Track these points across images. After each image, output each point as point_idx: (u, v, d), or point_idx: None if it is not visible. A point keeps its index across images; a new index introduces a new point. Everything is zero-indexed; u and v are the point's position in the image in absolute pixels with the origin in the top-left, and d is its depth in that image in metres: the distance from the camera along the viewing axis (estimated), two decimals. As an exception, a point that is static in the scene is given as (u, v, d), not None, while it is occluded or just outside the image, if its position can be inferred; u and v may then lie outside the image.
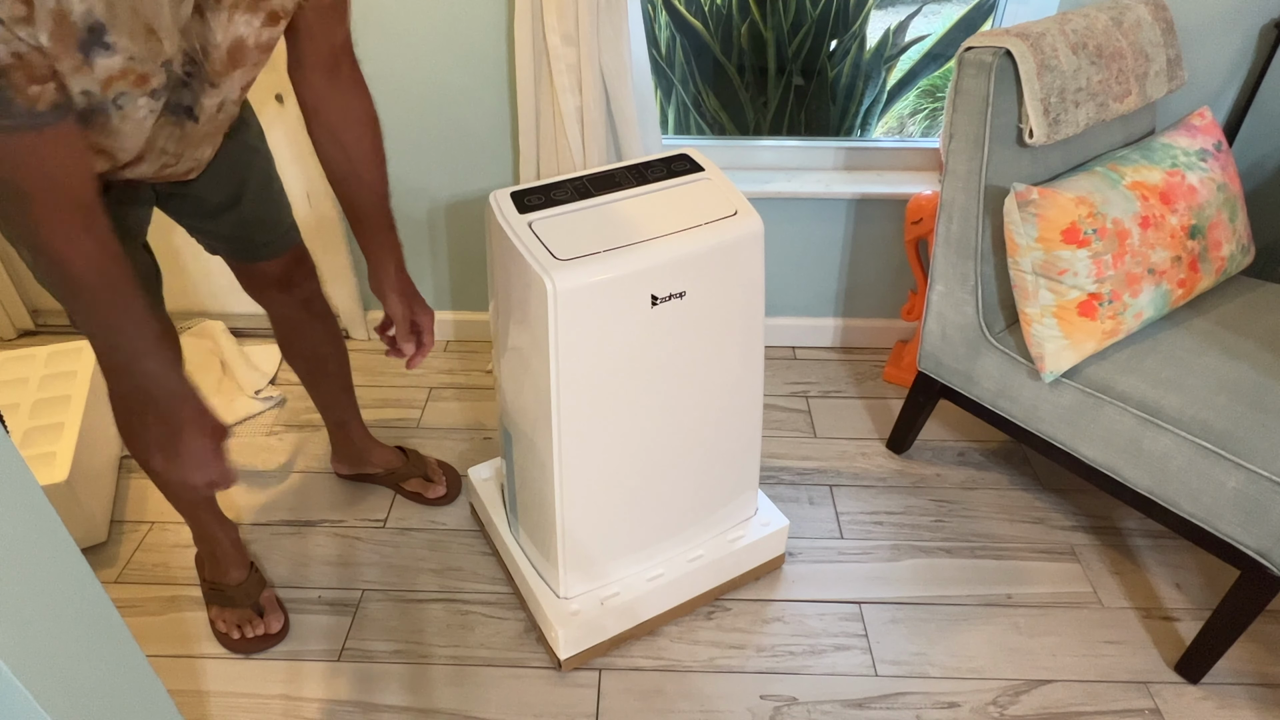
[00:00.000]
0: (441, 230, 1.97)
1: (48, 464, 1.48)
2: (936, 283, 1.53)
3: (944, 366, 1.58)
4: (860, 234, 1.96)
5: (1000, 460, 1.79)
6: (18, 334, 2.14)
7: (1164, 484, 1.31)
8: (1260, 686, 1.36)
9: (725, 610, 1.48)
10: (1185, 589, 1.52)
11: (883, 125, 2.19)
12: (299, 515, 1.65)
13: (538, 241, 1.11)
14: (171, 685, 1.35)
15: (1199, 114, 1.52)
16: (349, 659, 1.39)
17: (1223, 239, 1.45)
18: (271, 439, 1.83)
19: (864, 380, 2.02)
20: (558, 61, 1.60)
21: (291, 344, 1.49)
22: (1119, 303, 1.35)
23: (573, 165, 1.70)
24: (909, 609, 1.48)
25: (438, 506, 1.68)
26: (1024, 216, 1.32)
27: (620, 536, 1.34)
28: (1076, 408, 1.39)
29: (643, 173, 1.25)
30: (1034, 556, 1.58)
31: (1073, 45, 1.37)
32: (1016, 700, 1.34)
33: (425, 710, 1.32)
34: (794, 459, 1.79)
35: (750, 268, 1.22)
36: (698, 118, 2.13)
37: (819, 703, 1.33)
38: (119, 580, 1.52)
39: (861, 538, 1.61)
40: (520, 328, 1.18)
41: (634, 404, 1.22)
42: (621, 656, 1.40)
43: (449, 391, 1.98)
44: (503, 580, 1.53)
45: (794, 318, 2.10)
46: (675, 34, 2.03)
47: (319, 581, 1.52)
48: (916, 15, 2.05)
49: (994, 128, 1.35)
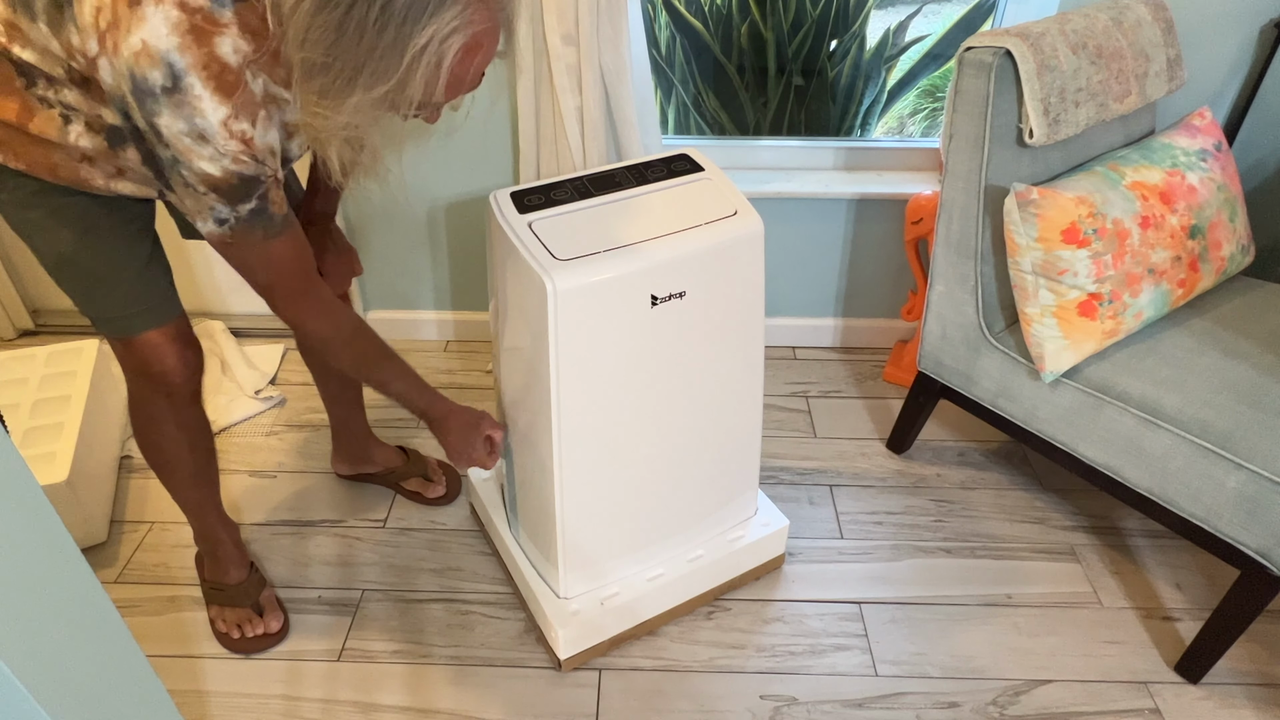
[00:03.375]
0: (441, 230, 1.97)
1: (48, 464, 1.48)
2: (936, 283, 1.53)
3: (944, 366, 1.58)
4: (860, 234, 1.96)
5: (1000, 460, 1.79)
6: (18, 334, 2.13)
7: (1164, 484, 1.31)
8: (1260, 686, 1.36)
9: (725, 610, 1.48)
10: (1185, 589, 1.52)
11: (883, 125, 2.19)
12: (299, 515, 1.65)
13: (538, 241, 1.11)
14: (171, 685, 1.35)
15: (1199, 114, 1.52)
16: (349, 659, 1.39)
17: (1223, 239, 1.45)
18: (271, 439, 1.83)
19: (864, 380, 2.02)
20: (558, 61, 1.60)
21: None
22: (1119, 303, 1.35)
23: (573, 165, 1.70)
24: (909, 609, 1.48)
25: (438, 506, 1.68)
26: (1024, 216, 1.32)
27: (620, 536, 1.34)
28: (1076, 408, 1.39)
29: (643, 173, 1.25)
30: (1034, 556, 1.58)
31: (1073, 45, 1.37)
32: (1016, 700, 1.34)
33: (425, 710, 1.32)
34: (794, 459, 1.79)
35: (750, 268, 1.22)
36: (698, 118, 2.13)
37: (819, 703, 1.33)
38: (119, 580, 1.52)
39: (861, 538, 1.61)
40: (520, 328, 1.18)
41: (634, 404, 1.22)
42: (621, 656, 1.40)
43: (449, 391, 1.98)
44: (503, 580, 1.53)
45: (794, 318, 2.10)
46: (675, 34, 2.03)
47: (319, 581, 1.52)
48: (916, 15, 2.05)
49: (994, 128, 1.35)
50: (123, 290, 1.10)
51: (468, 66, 0.83)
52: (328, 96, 0.80)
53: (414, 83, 0.79)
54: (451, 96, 0.87)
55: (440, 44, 0.78)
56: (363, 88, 0.79)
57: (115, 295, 1.10)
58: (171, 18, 0.81)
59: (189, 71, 0.82)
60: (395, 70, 0.78)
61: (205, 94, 0.83)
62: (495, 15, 0.83)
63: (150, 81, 0.82)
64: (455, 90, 0.86)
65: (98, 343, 1.77)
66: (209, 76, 0.83)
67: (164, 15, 0.81)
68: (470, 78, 0.86)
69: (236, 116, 0.86)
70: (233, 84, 0.84)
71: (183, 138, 0.84)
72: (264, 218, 0.96)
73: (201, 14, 0.82)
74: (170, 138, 0.85)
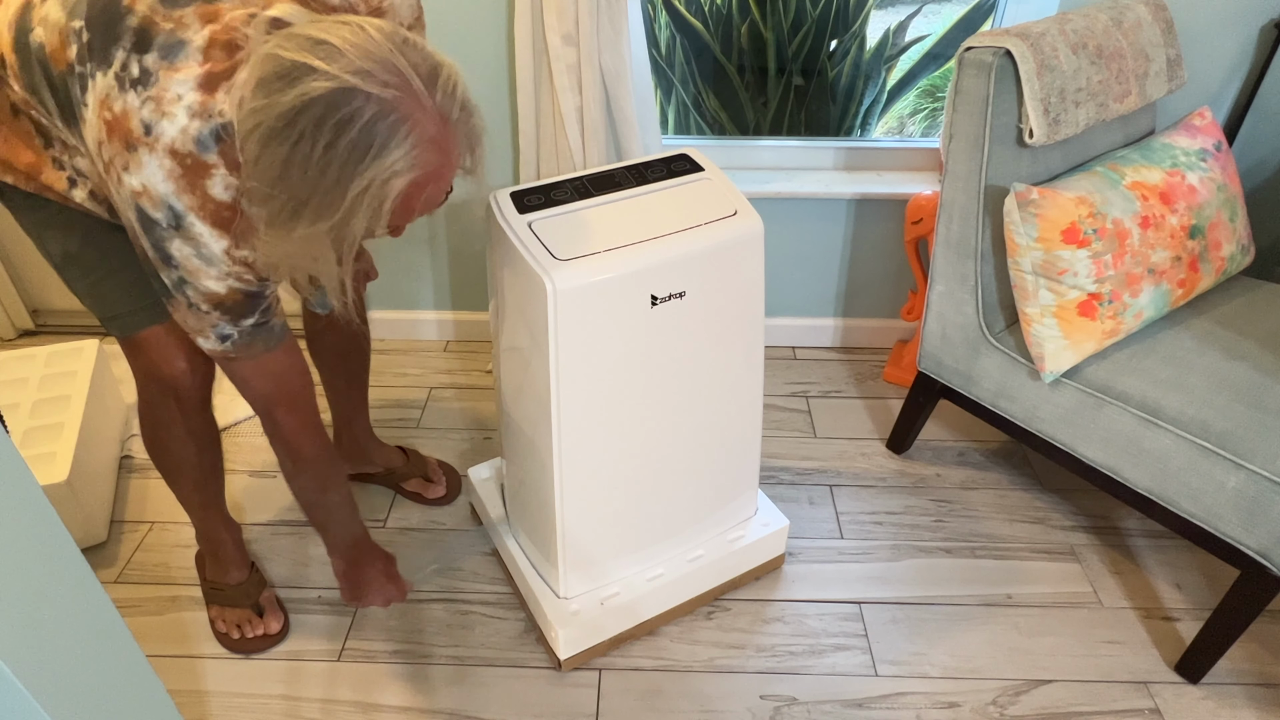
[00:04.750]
0: (441, 230, 1.97)
1: (48, 464, 1.48)
2: (936, 283, 1.53)
3: (944, 366, 1.58)
4: (860, 234, 1.96)
5: (1000, 460, 1.79)
6: (18, 334, 2.14)
7: (1164, 484, 1.31)
8: (1260, 686, 1.36)
9: (725, 610, 1.48)
10: (1185, 589, 1.52)
11: (883, 125, 2.19)
12: (299, 515, 1.65)
13: (538, 241, 1.11)
14: (171, 685, 1.35)
15: (1199, 114, 1.52)
16: (349, 659, 1.39)
17: (1223, 239, 1.45)
18: (271, 439, 1.83)
19: (864, 380, 2.02)
20: (558, 61, 1.60)
21: (320, 336, 1.49)
22: (1119, 303, 1.35)
23: (573, 165, 1.70)
24: (909, 609, 1.48)
25: (438, 506, 1.68)
26: (1024, 216, 1.32)
27: (620, 536, 1.34)
28: (1076, 408, 1.39)
29: (643, 173, 1.25)
30: (1034, 556, 1.58)
31: (1073, 45, 1.37)
32: (1016, 700, 1.34)
33: (425, 710, 1.32)
34: (794, 459, 1.79)
35: (750, 268, 1.22)
36: (698, 118, 2.13)
37: (819, 703, 1.33)
38: (119, 580, 1.52)
39: (861, 538, 1.61)
40: (520, 328, 1.18)
41: (634, 404, 1.22)
42: (621, 656, 1.40)
43: (449, 391, 1.98)
44: (503, 580, 1.53)
45: (794, 318, 2.10)
46: (675, 34, 2.03)
47: (319, 581, 1.52)
48: (916, 15, 2.05)
49: (994, 128, 1.35)
50: (126, 286, 1.10)
51: (412, 206, 0.84)
52: (274, 226, 0.82)
53: (357, 220, 0.81)
54: (401, 225, 0.89)
55: (381, 186, 0.79)
56: (306, 221, 0.80)
57: (119, 290, 1.11)
58: (166, 166, 0.85)
59: (188, 212, 0.87)
60: (338, 208, 0.79)
61: (206, 230, 0.88)
62: (448, 154, 0.83)
63: (155, 219, 0.87)
64: (402, 222, 0.88)
65: (98, 343, 1.77)
66: (206, 215, 0.88)
67: (159, 163, 0.85)
68: (420, 210, 0.86)
69: (237, 245, 0.90)
70: (229, 218, 0.89)
71: (192, 259, 0.90)
72: (265, 330, 1.00)
73: (192, 159, 0.86)
74: (180, 260, 0.90)
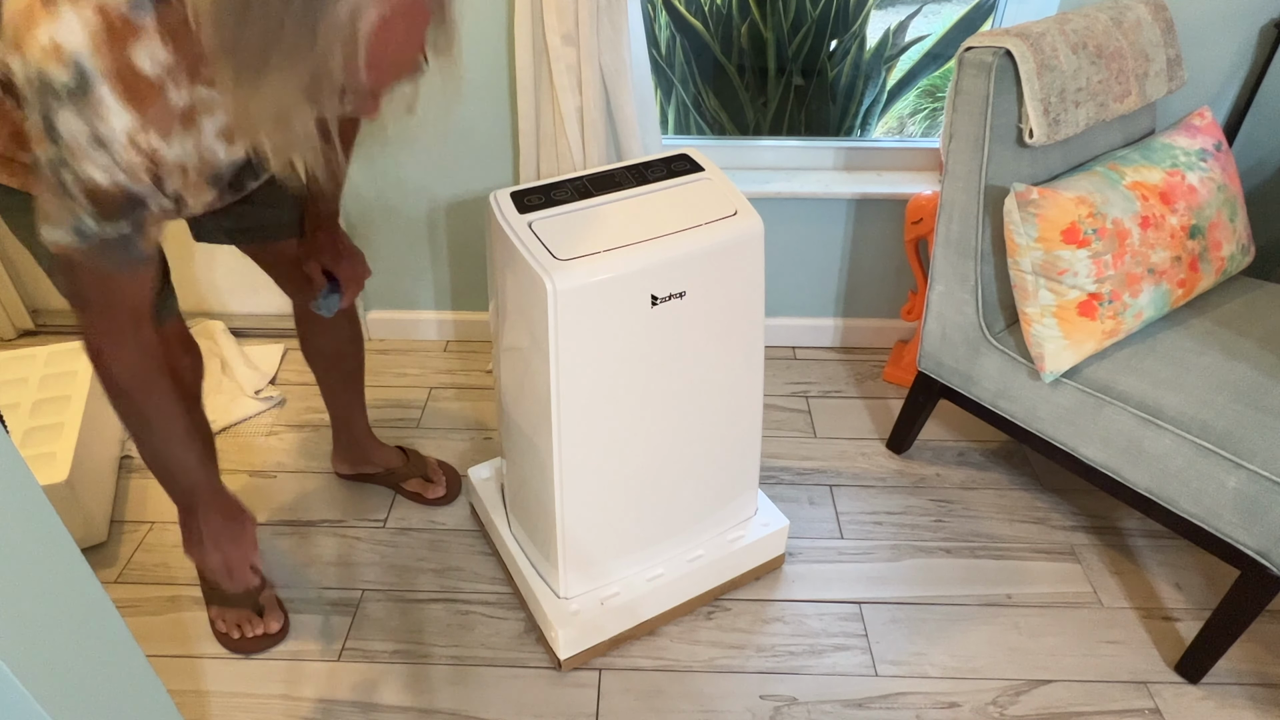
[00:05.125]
0: (441, 230, 1.97)
1: (48, 464, 1.48)
2: (936, 283, 1.53)
3: (944, 366, 1.58)
4: (860, 234, 1.96)
5: (1000, 460, 1.79)
6: (18, 334, 2.13)
7: (1164, 484, 1.31)
8: (1260, 686, 1.36)
9: (725, 610, 1.48)
10: (1185, 589, 1.52)
11: (883, 125, 2.20)
12: (299, 515, 1.65)
13: (538, 241, 1.11)
14: (171, 685, 1.35)
15: (1199, 114, 1.52)
16: (349, 659, 1.39)
17: (1223, 239, 1.45)
18: (271, 439, 1.83)
19: (864, 380, 2.02)
20: (558, 61, 1.60)
21: (314, 336, 1.48)
22: (1119, 303, 1.35)
23: (573, 165, 1.70)
24: (909, 609, 1.48)
25: (438, 506, 1.68)
26: (1024, 216, 1.32)
27: (620, 536, 1.34)
28: (1076, 408, 1.39)
29: (643, 173, 1.25)
30: (1034, 556, 1.58)
31: (1073, 45, 1.37)
32: (1016, 700, 1.34)
33: (425, 710, 1.32)
34: (794, 459, 1.79)
35: (750, 268, 1.22)
36: (698, 118, 2.13)
37: (819, 703, 1.33)
38: (119, 580, 1.52)
39: (861, 538, 1.61)
40: (520, 328, 1.18)
41: (634, 404, 1.22)
42: (621, 656, 1.40)
43: (449, 391, 1.98)
44: (503, 580, 1.53)
45: (794, 318, 2.10)
46: (675, 34, 2.03)
47: (319, 581, 1.52)
48: (916, 15, 2.05)
49: (994, 128, 1.35)
50: None
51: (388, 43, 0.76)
52: (243, 80, 0.75)
53: (333, 60, 0.74)
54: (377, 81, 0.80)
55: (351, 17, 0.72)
56: (276, 67, 0.73)
57: None
58: (89, 21, 0.76)
59: (100, 77, 0.77)
60: (309, 46, 0.72)
61: (114, 102, 0.78)
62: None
63: (56, 84, 0.77)
64: (380, 74, 0.79)
65: (98, 343, 1.77)
66: (121, 83, 0.78)
67: (80, 17, 0.76)
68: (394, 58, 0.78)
69: (145, 129, 0.81)
70: (145, 96, 0.80)
71: (80, 137, 0.78)
72: (126, 245, 0.87)
73: (121, 19, 0.77)
74: (66, 137, 0.78)
